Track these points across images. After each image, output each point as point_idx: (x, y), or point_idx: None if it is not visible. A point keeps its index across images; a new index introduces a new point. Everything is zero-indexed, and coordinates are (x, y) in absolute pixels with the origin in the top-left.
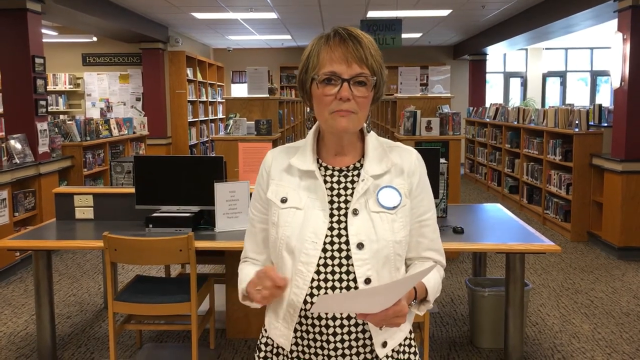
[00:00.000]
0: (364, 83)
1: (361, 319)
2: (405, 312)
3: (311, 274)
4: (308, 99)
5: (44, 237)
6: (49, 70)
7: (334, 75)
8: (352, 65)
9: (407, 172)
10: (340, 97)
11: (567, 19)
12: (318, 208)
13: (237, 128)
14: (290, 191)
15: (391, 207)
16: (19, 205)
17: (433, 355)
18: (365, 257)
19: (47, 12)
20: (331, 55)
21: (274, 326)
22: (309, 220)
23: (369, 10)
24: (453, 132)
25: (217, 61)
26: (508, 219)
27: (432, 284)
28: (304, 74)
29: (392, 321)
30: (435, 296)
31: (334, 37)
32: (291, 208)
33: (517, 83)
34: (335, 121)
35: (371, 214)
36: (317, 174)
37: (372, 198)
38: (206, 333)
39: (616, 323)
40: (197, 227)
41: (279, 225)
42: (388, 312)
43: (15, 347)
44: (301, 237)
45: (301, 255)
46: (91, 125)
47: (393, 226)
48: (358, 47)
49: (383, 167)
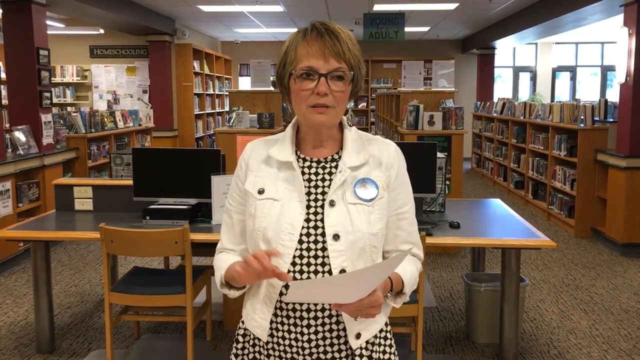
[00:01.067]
0: (342, 77)
1: (336, 309)
2: (380, 302)
3: (287, 265)
4: (286, 93)
5: (42, 228)
6: (56, 62)
7: (311, 70)
8: (330, 60)
9: (386, 164)
10: (318, 92)
11: (576, 12)
12: (295, 199)
13: (240, 121)
14: (267, 182)
15: (368, 199)
16: (23, 196)
17: (429, 349)
18: (341, 249)
19: (52, 4)
20: (308, 50)
21: (250, 317)
22: (286, 212)
23: (375, 3)
24: (456, 126)
25: (225, 54)
26: (506, 215)
27: (408, 276)
28: (282, 68)
29: (367, 312)
30: (412, 288)
31: (312, 31)
32: (268, 199)
33: (527, 77)
34: (312, 116)
35: (348, 206)
36: (295, 165)
37: (349, 190)
38: (203, 325)
39: (615, 319)
40: (195, 220)
41: (256, 216)
42: (363, 302)
43: (14, 337)
44: (278, 228)
45: (277, 246)
46: (96, 117)
47: (369, 218)
48: (335, 42)
49: (361, 158)
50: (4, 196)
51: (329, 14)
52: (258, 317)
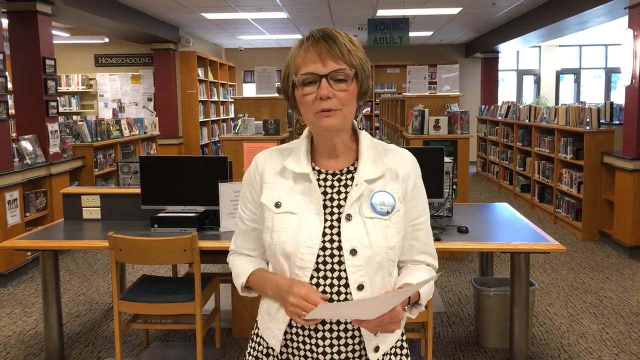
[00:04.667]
0: (344, 80)
1: (356, 325)
2: (400, 318)
3: (307, 279)
4: (295, 106)
5: (51, 237)
6: (61, 72)
7: (311, 74)
8: (327, 63)
9: (402, 176)
10: (321, 96)
11: (579, 15)
12: (313, 212)
13: (246, 128)
14: (284, 195)
15: (385, 212)
16: (30, 205)
17: (438, 354)
18: (359, 264)
19: (57, 14)
20: (305, 57)
21: (266, 327)
22: (304, 225)
23: (378, 8)
24: (462, 130)
25: (229, 61)
26: (514, 219)
27: (424, 288)
28: (285, 81)
29: (387, 327)
30: (428, 299)
31: (307, 40)
32: (286, 213)
33: (531, 81)
34: (320, 121)
35: (365, 220)
36: (312, 177)
37: (365, 203)
38: (212, 332)
39: (625, 323)
40: (202, 227)
41: (274, 230)
42: (384, 318)
43: (24, 346)
44: (296, 242)
45: (297, 260)
46: (102, 125)
47: (386, 232)
48: (332, 45)
49: (377, 171)
50: (12, 205)
51: (333, 20)
52: (274, 326)
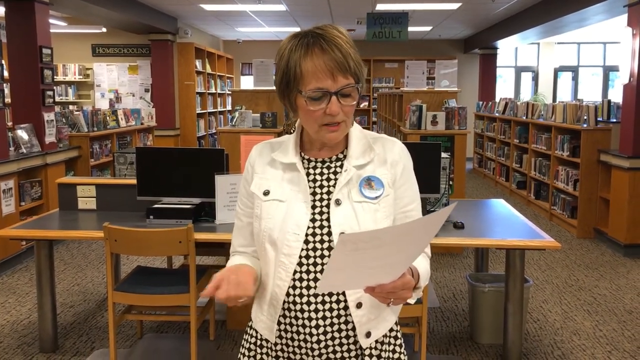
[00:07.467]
0: (350, 94)
1: (368, 292)
2: (411, 285)
3: (293, 266)
4: (293, 108)
5: (46, 227)
6: (58, 61)
7: (321, 90)
8: (337, 79)
9: (391, 162)
10: (330, 112)
11: (579, 13)
12: (300, 200)
13: (243, 120)
14: (273, 184)
15: (373, 197)
16: (26, 194)
17: (432, 349)
18: None
19: (55, 3)
20: (314, 68)
21: (259, 319)
22: (291, 213)
23: (378, 2)
24: (459, 126)
25: (227, 53)
26: (510, 215)
27: (422, 271)
28: (285, 85)
29: (400, 294)
30: (426, 283)
31: (313, 45)
32: (274, 200)
33: (529, 77)
34: (326, 135)
35: (354, 204)
36: (299, 166)
37: (354, 188)
38: (206, 324)
39: (618, 320)
40: (198, 219)
41: (262, 217)
42: (397, 283)
43: (17, 335)
44: (283, 229)
45: (283, 247)
46: (98, 116)
47: (375, 216)
48: (338, 54)
49: (366, 157)
50: (7, 195)
51: (332, 14)
52: (266, 318)
